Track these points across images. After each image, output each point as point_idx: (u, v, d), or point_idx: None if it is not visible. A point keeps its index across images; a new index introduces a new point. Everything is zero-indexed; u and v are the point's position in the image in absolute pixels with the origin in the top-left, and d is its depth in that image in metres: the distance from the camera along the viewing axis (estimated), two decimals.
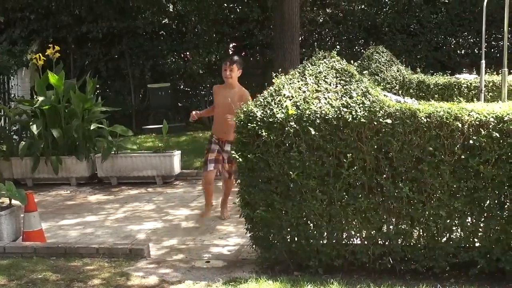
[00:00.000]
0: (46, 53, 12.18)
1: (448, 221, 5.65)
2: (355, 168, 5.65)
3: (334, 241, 5.87)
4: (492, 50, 18.98)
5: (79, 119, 11.57)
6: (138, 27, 18.71)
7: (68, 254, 6.72)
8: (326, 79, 6.05)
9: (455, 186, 5.54)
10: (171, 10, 19.93)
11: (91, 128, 11.50)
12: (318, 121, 5.68)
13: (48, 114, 11.63)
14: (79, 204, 9.99)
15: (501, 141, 5.41)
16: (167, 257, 6.75)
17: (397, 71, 13.28)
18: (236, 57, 7.10)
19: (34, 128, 11.31)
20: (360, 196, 5.69)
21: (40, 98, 11.66)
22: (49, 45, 12.65)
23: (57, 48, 12.19)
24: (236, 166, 6.13)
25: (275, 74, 6.29)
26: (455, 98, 6.31)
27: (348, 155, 5.64)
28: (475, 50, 18.88)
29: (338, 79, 6.05)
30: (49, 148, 11.56)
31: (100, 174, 11.58)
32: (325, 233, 5.88)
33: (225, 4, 19.63)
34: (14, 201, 7.49)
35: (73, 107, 11.59)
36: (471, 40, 19.08)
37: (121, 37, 18.88)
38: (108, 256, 6.64)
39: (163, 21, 20.01)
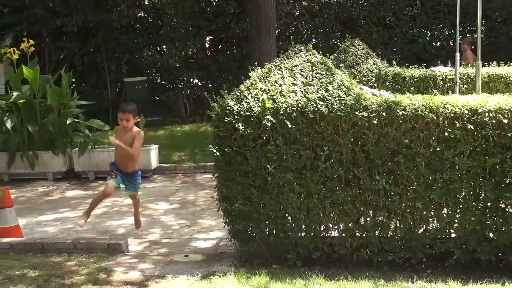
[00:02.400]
0: (20, 47, 12.05)
1: (424, 212, 5.71)
2: (332, 161, 5.69)
3: (312, 233, 5.91)
4: None
5: (55, 114, 11.49)
6: (114, 21, 18.53)
7: (45, 250, 6.69)
8: (302, 73, 6.08)
9: (430, 178, 5.61)
10: (146, 3, 19.78)
11: (68, 122, 11.42)
12: (294, 114, 5.71)
13: (23, 108, 11.52)
14: (57, 199, 9.93)
15: (475, 133, 5.49)
16: (147, 252, 6.74)
17: (373, 64, 13.32)
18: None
19: (8, 123, 11.20)
20: (337, 188, 5.73)
21: (15, 93, 11.55)
22: (24, 39, 12.52)
23: (31, 42, 12.06)
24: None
25: (251, 67, 6.30)
26: (430, 91, 6.37)
27: (325, 148, 5.68)
28: (450, 42, 19.02)
29: (314, 72, 6.07)
30: (25, 143, 11.46)
31: (77, 169, 11.50)
32: (303, 226, 5.92)
33: None
34: None
35: (48, 101, 11.49)
36: (446, 33, 19.21)
37: (97, 31, 18.70)
38: (86, 251, 6.62)
39: (139, 14, 19.86)
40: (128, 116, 6.79)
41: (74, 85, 16.88)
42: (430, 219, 5.78)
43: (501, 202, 5.60)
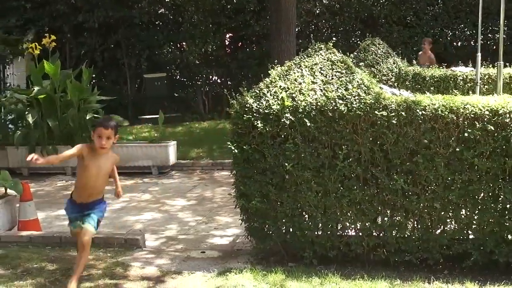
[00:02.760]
0: (42, 43, 12.14)
1: (442, 213, 5.68)
2: (350, 160, 5.67)
3: (328, 232, 5.90)
4: (488, 42, 19.00)
5: (75, 109, 11.57)
6: (134, 17, 18.65)
7: (63, 244, 6.74)
8: (322, 71, 6.06)
9: (449, 178, 5.57)
10: (167, 0, 19.87)
11: (87, 117, 11.49)
12: (313, 112, 5.70)
13: (44, 103, 11.61)
14: None
15: (495, 134, 5.44)
16: (164, 247, 6.77)
17: (393, 63, 13.27)
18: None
19: (29, 118, 11.29)
20: (355, 187, 5.72)
21: (36, 88, 11.64)
22: (45, 34, 12.61)
23: (53, 37, 12.15)
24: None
25: (271, 65, 6.30)
26: (451, 91, 6.33)
27: (343, 147, 5.66)
28: (471, 42, 18.89)
29: (334, 71, 6.06)
30: (45, 138, 11.55)
31: None
32: (320, 225, 5.91)
33: None
34: (9, 191, 7.49)
35: (69, 96, 11.57)
36: (468, 33, 19.10)
37: (117, 27, 18.83)
38: (104, 246, 6.65)
39: (159, 11, 19.96)
40: (110, 133, 5.46)
41: (94, 81, 17.00)
42: (448, 220, 5.75)
43: None
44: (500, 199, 5.59)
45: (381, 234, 5.85)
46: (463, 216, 5.69)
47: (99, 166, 5.50)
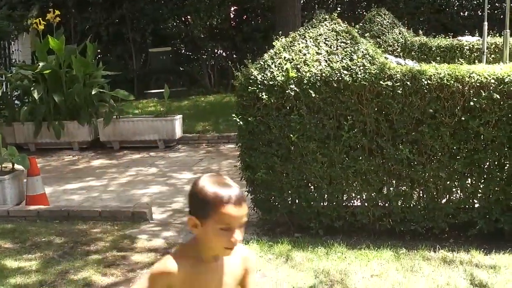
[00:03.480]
0: (46, 18, 12.10)
1: (448, 182, 5.68)
2: (355, 130, 5.67)
3: (334, 203, 5.92)
4: (496, 12, 18.82)
5: (81, 84, 11.56)
6: None
7: (71, 218, 6.79)
8: (326, 42, 6.03)
9: (455, 147, 5.56)
10: None
11: (93, 92, 11.49)
12: (318, 83, 5.69)
13: (49, 79, 11.61)
14: (82, 168, 10.04)
15: (501, 102, 5.41)
16: (171, 220, 6.81)
17: (399, 33, 13.20)
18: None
19: (35, 93, 11.30)
20: (360, 158, 5.72)
21: (41, 63, 11.63)
22: (49, 9, 12.57)
23: (57, 12, 12.11)
24: None
25: (275, 37, 6.26)
26: (457, 61, 6.29)
27: (348, 117, 5.66)
28: (478, 12, 18.72)
29: (339, 41, 6.02)
30: (51, 113, 11.57)
31: (102, 139, 11.60)
32: (326, 195, 5.93)
33: None
34: (17, 166, 7.54)
35: (74, 72, 11.56)
36: (474, 2, 18.91)
37: (122, 1, 18.72)
38: (111, 219, 6.70)
39: None
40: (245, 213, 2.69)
41: (99, 56, 16.95)
42: (454, 189, 5.75)
43: None
44: (505, 167, 5.58)
45: (386, 204, 5.86)
46: (468, 185, 5.69)
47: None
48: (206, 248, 2.30)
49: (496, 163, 5.58)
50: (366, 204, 5.89)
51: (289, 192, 5.99)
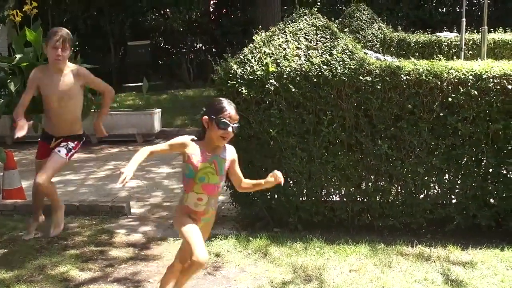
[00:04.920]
0: (23, 10, 11.94)
1: (426, 178, 5.72)
2: (334, 125, 5.68)
3: (313, 198, 5.93)
4: (473, 8, 18.98)
5: None
6: None
7: (48, 212, 6.71)
8: (306, 36, 6.03)
9: (433, 143, 5.60)
10: None
11: None
12: (298, 78, 5.69)
13: (27, 71, 11.38)
14: None
15: (479, 99, 5.46)
16: (149, 215, 6.78)
17: (378, 29, 13.25)
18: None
19: (12, 86, 11.12)
20: (339, 153, 5.73)
21: (18, 56, 11.45)
22: (27, 1, 12.41)
23: (34, 4, 11.91)
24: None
25: (255, 31, 6.25)
26: (435, 56, 6.32)
27: (327, 112, 5.66)
28: (456, 8, 18.86)
29: (318, 36, 6.02)
30: (28, 106, 11.41)
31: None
32: (305, 190, 5.94)
33: None
34: None
35: None
36: None
37: None
38: (89, 213, 6.66)
39: None
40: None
41: (77, 49, 16.78)
42: (432, 185, 5.78)
43: (503, 168, 5.61)
44: (483, 163, 5.63)
45: (365, 199, 5.89)
46: (446, 181, 5.73)
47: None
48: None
49: (473, 159, 5.63)
50: (344, 199, 5.91)
51: None
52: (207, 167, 3.87)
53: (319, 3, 16.42)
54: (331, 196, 5.98)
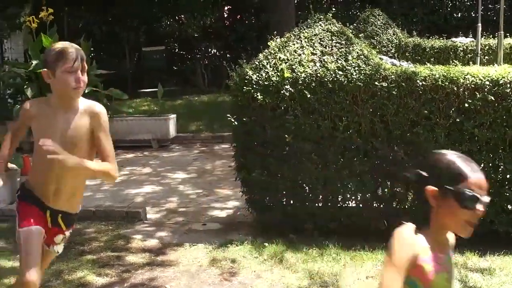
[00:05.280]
0: (39, 16, 12.04)
1: None
2: (350, 131, 5.66)
3: (329, 204, 5.92)
4: (489, 13, 18.88)
5: None
6: None
7: None
8: (321, 42, 6.03)
9: (449, 149, 5.55)
10: None
11: (86, 91, 11.41)
12: (313, 84, 5.68)
13: (42, 77, 11.55)
14: None
15: (496, 104, 5.42)
16: (165, 220, 6.80)
17: (393, 34, 13.22)
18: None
19: (28, 92, 11.23)
20: (355, 159, 5.72)
21: (34, 61, 11.57)
22: (43, 7, 12.52)
23: (50, 10, 12.04)
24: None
25: (270, 37, 6.26)
26: (451, 62, 6.30)
27: (343, 118, 5.65)
28: (472, 13, 18.77)
29: (334, 42, 6.02)
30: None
31: None
32: (321, 196, 5.92)
33: None
34: (10, 165, 7.48)
35: None
36: (468, 3, 18.96)
37: (115, 0, 18.68)
38: (105, 219, 6.68)
39: None
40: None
41: (92, 54, 16.88)
42: None
43: None
44: (500, 169, 5.59)
45: (381, 206, 5.86)
46: None
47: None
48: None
49: (490, 164, 5.59)
50: (360, 205, 5.89)
51: (284, 192, 5.98)
52: (443, 280, 2.22)
53: (333, 9, 16.44)
54: (347, 202, 5.96)
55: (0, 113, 11.89)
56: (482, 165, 5.59)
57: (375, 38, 12.83)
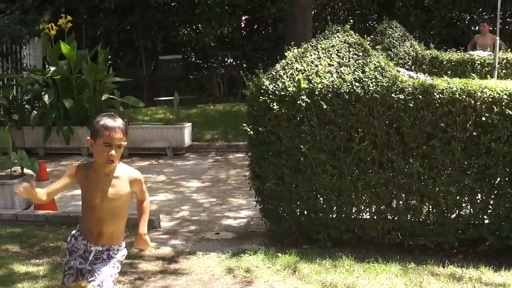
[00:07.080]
0: (58, 23, 12.16)
1: (458, 197, 5.65)
2: (366, 143, 5.65)
3: (343, 215, 5.90)
4: (507, 27, 18.78)
5: (91, 90, 11.59)
6: None
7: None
8: (339, 53, 6.03)
9: (466, 162, 5.54)
10: None
11: (103, 98, 11.51)
12: (330, 95, 5.68)
13: (60, 84, 11.65)
14: None
15: None
16: (178, 228, 6.80)
17: (410, 46, 13.16)
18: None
19: (46, 98, 11.34)
20: (370, 171, 5.70)
21: (52, 68, 11.68)
22: (61, 15, 12.63)
23: (69, 18, 12.16)
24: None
25: (287, 47, 6.27)
26: (468, 75, 6.27)
27: (359, 129, 5.64)
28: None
29: (351, 53, 6.02)
30: (61, 118, 11.60)
31: None
32: (335, 207, 5.90)
33: None
34: (26, 170, 7.55)
35: (85, 77, 11.60)
36: (486, 17, 18.85)
37: (133, 8, 18.77)
38: None
39: None
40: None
41: (110, 62, 17.00)
42: (464, 204, 5.72)
43: None
44: None
45: (396, 218, 5.84)
46: (478, 201, 5.66)
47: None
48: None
49: (507, 179, 5.55)
50: (375, 217, 5.87)
51: (298, 203, 5.97)
52: None
53: (351, 20, 16.43)
54: (361, 214, 5.94)
55: (17, 118, 11.98)
56: (498, 180, 5.57)
57: (392, 50, 12.78)
